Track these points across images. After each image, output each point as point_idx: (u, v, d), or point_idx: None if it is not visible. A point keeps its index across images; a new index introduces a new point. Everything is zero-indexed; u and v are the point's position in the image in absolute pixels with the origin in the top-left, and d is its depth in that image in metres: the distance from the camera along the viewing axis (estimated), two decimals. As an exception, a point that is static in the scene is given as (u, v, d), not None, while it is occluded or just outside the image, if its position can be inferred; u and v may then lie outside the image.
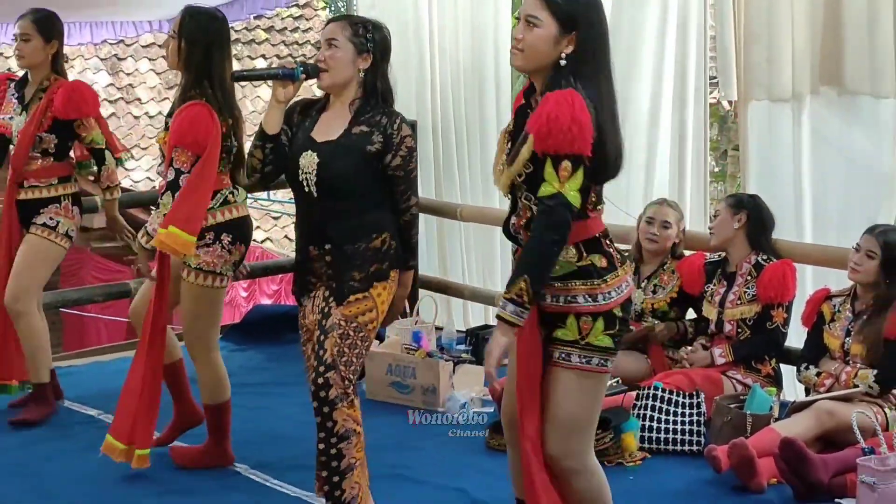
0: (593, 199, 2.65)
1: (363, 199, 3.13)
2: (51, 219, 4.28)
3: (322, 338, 3.07)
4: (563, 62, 2.59)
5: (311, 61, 3.21)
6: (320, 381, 3.03)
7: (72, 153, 4.44)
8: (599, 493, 2.73)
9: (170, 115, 3.74)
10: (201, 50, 3.66)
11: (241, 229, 3.74)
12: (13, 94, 4.36)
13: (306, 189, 3.13)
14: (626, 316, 2.70)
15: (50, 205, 4.29)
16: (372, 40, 3.16)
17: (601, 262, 2.65)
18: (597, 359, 2.65)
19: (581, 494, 2.70)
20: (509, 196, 2.73)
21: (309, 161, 3.11)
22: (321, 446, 3.07)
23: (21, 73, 4.43)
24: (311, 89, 8.61)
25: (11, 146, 4.33)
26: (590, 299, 2.62)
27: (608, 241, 2.69)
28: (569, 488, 2.68)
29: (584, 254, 2.64)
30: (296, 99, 3.23)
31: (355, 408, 3.10)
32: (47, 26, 4.27)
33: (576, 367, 2.64)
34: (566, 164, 2.51)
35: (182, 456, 3.88)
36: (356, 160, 3.10)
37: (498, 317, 2.56)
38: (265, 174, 3.21)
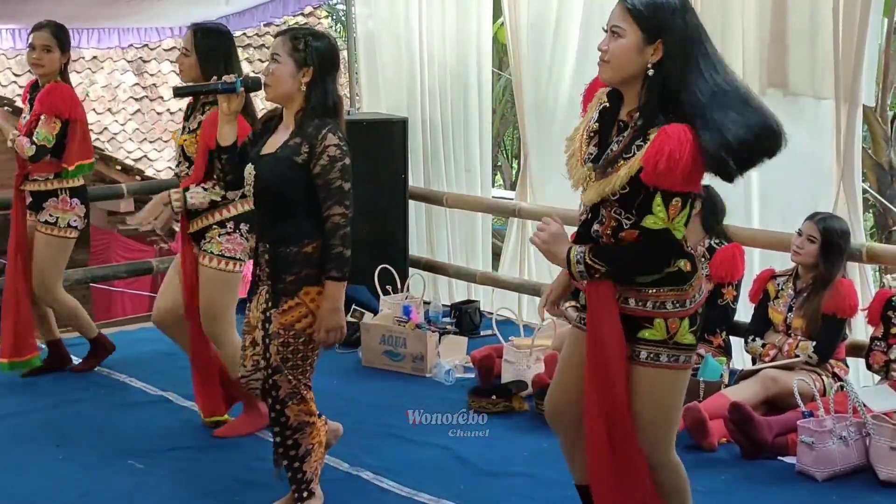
0: None
1: (296, 208, 2.92)
2: (50, 215, 4.23)
3: (267, 341, 2.98)
4: (650, 72, 2.29)
5: (253, 76, 3.05)
6: (269, 382, 2.96)
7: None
8: (683, 486, 2.53)
9: (187, 119, 3.70)
10: (220, 63, 3.51)
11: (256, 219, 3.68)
12: (29, 98, 4.31)
13: (249, 196, 3.04)
14: (704, 311, 2.48)
15: (49, 199, 4.23)
16: (313, 54, 2.89)
17: (686, 266, 2.40)
18: (683, 356, 2.41)
19: (665, 488, 2.48)
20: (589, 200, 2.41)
21: (248, 173, 2.96)
22: (277, 439, 3.02)
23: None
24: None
25: None
26: (678, 305, 2.38)
27: (684, 241, 2.42)
28: (659, 482, 2.47)
29: (672, 260, 2.38)
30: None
31: (306, 401, 3.00)
32: (64, 38, 4.20)
33: (664, 365, 2.39)
34: (677, 200, 2.28)
35: (227, 430, 3.77)
36: (285, 171, 2.88)
37: (567, 259, 2.35)
38: (227, 182, 3.14)
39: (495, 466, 3.49)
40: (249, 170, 2.97)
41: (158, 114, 11.99)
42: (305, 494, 3.07)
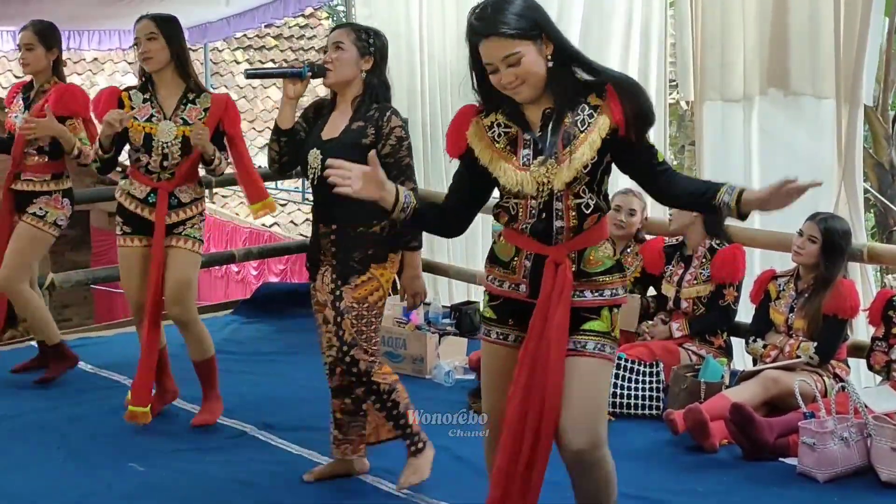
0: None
1: None
2: (40, 209, 4.21)
3: (339, 319, 3.11)
4: (551, 63, 2.35)
5: (318, 63, 3.20)
6: (347, 359, 3.10)
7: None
8: (614, 477, 2.49)
9: (190, 115, 3.71)
10: (184, 47, 3.73)
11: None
12: (21, 96, 4.30)
13: (312, 181, 3.15)
14: None
15: (41, 196, 4.22)
16: (373, 45, 3.15)
17: (618, 255, 2.53)
18: (616, 348, 2.48)
19: (601, 482, 2.43)
20: (528, 201, 2.40)
21: (314, 157, 3.11)
22: (377, 406, 3.18)
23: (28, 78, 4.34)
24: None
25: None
26: (622, 290, 2.47)
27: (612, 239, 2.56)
28: (590, 478, 2.41)
29: (616, 250, 2.51)
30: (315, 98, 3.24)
31: (385, 365, 3.21)
32: (48, 36, 4.19)
33: (607, 356, 2.43)
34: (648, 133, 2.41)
35: (204, 419, 3.82)
36: (353, 153, 3.01)
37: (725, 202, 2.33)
38: (282, 164, 3.24)
39: (496, 468, 3.48)
40: (315, 154, 3.11)
41: (159, 115, 11.98)
42: (421, 445, 3.24)
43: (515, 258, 2.46)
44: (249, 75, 3.30)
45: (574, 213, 2.40)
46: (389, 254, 3.14)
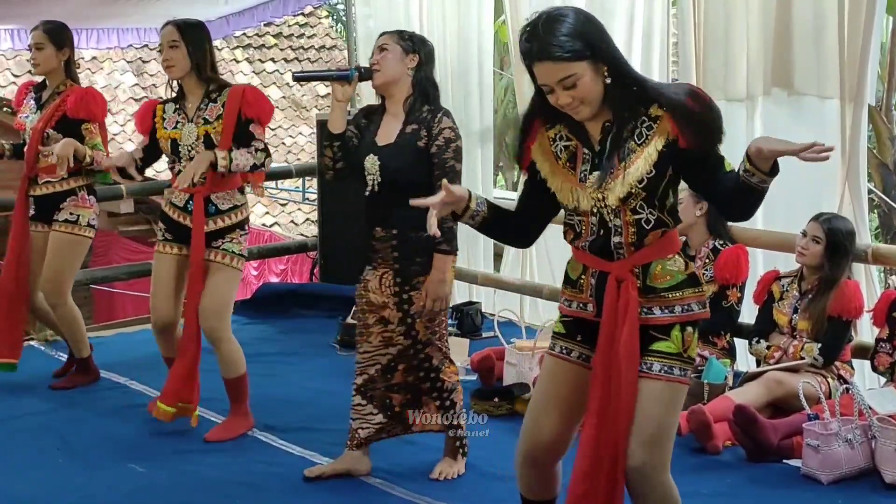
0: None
1: (422, 192, 2.97)
2: (71, 214, 4.18)
3: (410, 321, 3.21)
4: (608, 80, 2.25)
5: (365, 66, 3.23)
6: (422, 355, 3.25)
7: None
8: (677, 501, 2.39)
9: (211, 114, 3.68)
10: (207, 54, 3.69)
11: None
12: (31, 97, 4.27)
13: (372, 187, 3.19)
14: None
15: (67, 198, 4.19)
16: (417, 44, 3.21)
17: (693, 268, 2.39)
18: (690, 371, 2.35)
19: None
20: (588, 217, 2.32)
21: (372, 163, 3.17)
22: (437, 403, 3.31)
23: (38, 79, 4.32)
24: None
25: (25, 144, 4.25)
26: (701, 306, 2.34)
27: (687, 247, 2.49)
28: (648, 500, 2.33)
29: (687, 263, 2.36)
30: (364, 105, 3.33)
31: (453, 363, 3.32)
32: (58, 35, 4.17)
33: (676, 379, 2.30)
34: (718, 149, 2.26)
35: (219, 434, 3.76)
36: (410, 157, 3.14)
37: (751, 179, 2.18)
38: (337, 170, 3.26)
39: (498, 469, 3.47)
40: (373, 160, 3.17)
41: (158, 114, 11.99)
42: (465, 450, 3.40)
43: (583, 276, 2.39)
44: (297, 78, 3.32)
45: (633, 230, 2.30)
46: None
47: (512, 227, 2.52)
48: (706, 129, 2.24)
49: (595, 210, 2.32)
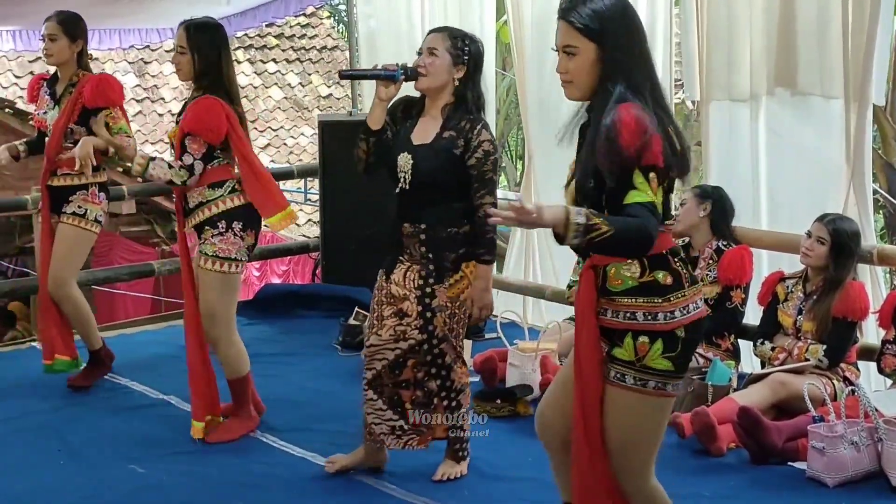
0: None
1: (452, 193, 3.17)
2: (79, 207, 4.17)
3: (429, 315, 3.21)
4: (601, 76, 2.28)
5: (412, 67, 3.18)
6: (436, 351, 3.23)
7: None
8: None
9: (180, 114, 3.70)
10: (214, 59, 3.64)
11: (249, 214, 3.67)
12: (45, 91, 4.24)
13: (403, 184, 3.19)
14: (694, 338, 2.31)
15: (78, 192, 4.17)
16: (468, 53, 3.17)
17: (665, 279, 2.27)
18: (653, 382, 2.28)
19: None
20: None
21: (405, 161, 3.18)
22: (445, 402, 3.29)
23: (51, 70, 4.30)
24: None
25: (46, 138, 4.22)
26: (649, 317, 2.26)
27: (677, 260, 2.32)
28: None
29: (648, 270, 2.28)
30: (399, 96, 3.27)
31: (463, 365, 3.31)
32: (72, 26, 4.14)
33: (629, 388, 2.28)
34: (653, 175, 2.19)
35: (220, 436, 3.74)
36: (444, 162, 3.15)
37: (567, 218, 2.10)
38: (369, 164, 3.27)
39: (500, 471, 3.47)
40: (406, 158, 3.18)
41: (160, 115, 11.99)
42: (464, 454, 3.38)
43: (579, 262, 2.49)
44: (344, 76, 3.33)
45: None
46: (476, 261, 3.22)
47: None
48: (594, 153, 2.21)
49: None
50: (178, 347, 3.96)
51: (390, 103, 3.24)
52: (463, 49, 3.16)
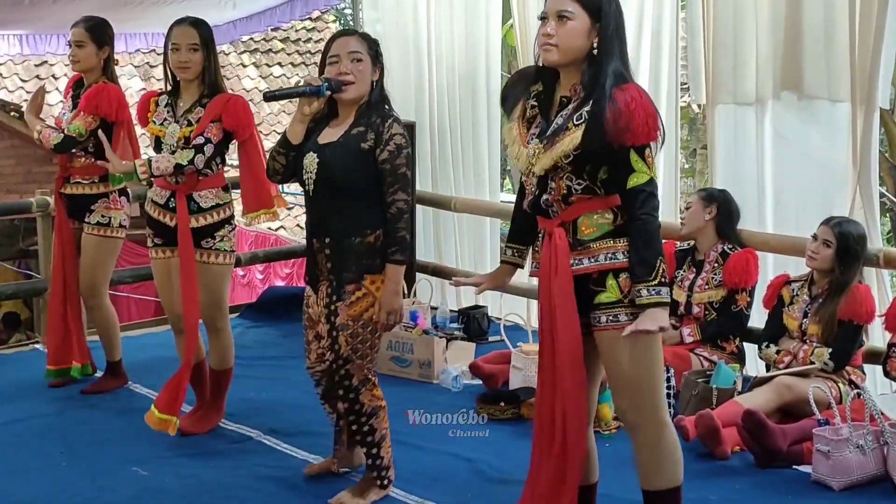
0: None
1: (359, 197, 3.02)
2: (103, 216, 4.19)
3: (335, 334, 3.06)
4: (595, 51, 2.46)
5: (334, 78, 3.06)
6: (342, 372, 3.08)
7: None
8: (675, 447, 2.57)
9: (187, 112, 3.70)
10: (214, 55, 3.70)
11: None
12: (71, 94, 4.26)
13: (307, 187, 3.08)
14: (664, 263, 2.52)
15: (99, 200, 4.19)
16: (380, 53, 3.14)
17: (623, 222, 2.52)
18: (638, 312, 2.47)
19: (655, 448, 2.54)
20: (530, 176, 2.56)
21: (310, 161, 3.04)
22: (354, 427, 3.15)
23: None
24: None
25: None
26: (625, 256, 2.48)
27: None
28: (642, 446, 2.55)
29: (619, 215, 2.50)
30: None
31: (376, 386, 3.16)
32: (100, 33, 4.14)
33: (624, 325, 2.45)
34: (647, 150, 2.44)
35: (192, 426, 3.80)
36: (352, 158, 3.01)
37: (658, 303, 2.41)
38: (284, 176, 3.18)
39: (504, 474, 3.46)
40: (311, 158, 3.04)
41: (165, 118, 12.02)
42: (385, 482, 3.21)
43: (539, 239, 2.63)
44: (268, 98, 3.22)
45: (564, 192, 2.50)
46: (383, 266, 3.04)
47: (530, 232, 2.73)
48: (600, 130, 2.39)
49: (526, 172, 2.54)
50: (171, 349, 3.97)
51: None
52: (377, 50, 3.11)
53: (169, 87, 3.75)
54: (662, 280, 2.43)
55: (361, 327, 3.05)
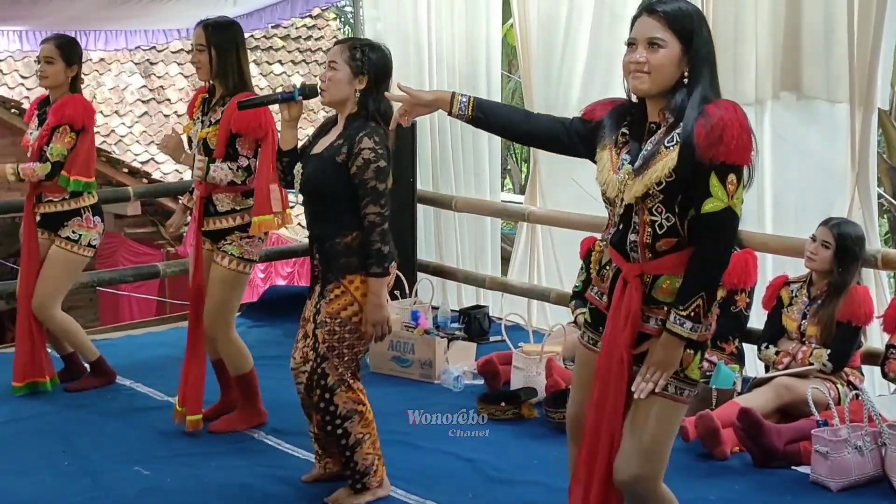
0: None
1: (338, 204, 3.07)
2: (73, 232, 4.19)
3: (315, 331, 3.10)
4: (686, 80, 2.31)
5: (309, 84, 3.19)
6: (318, 371, 3.08)
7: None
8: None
9: (215, 117, 3.70)
10: (233, 56, 3.69)
11: None
12: (37, 113, 4.26)
13: (298, 196, 3.18)
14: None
15: (73, 217, 4.19)
16: (367, 63, 3.09)
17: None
18: (687, 390, 2.38)
19: None
20: (617, 206, 2.39)
21: (297, 171, 3.16)
22: (328, 428, 3.12)
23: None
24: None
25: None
26: (698, 328, 2.31)
27: None
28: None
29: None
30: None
31: (353, 390, 3.12)
32: (69, 51, 4.16)
33: (670, 397, 2.35)
34: (732, 177, 2.24)
35: (223, 426, 3.84)
36: (327, 170, 3.06)
37: (669, 331, 2.29)
38: (287, 182, 3.26)
39: (505, 474, 3.48)
40: (298, 168, 3.16)
41: (166, 116, 12.01)
42: (359, 486, 3.17)
43: (607, 266, 2.46)
44: (242, 107, 3.32)
45: (649, 230, 2.33)
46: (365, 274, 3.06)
47: (522, 119, 2.55)
48: (691, 148, 2.24)
49: (618, 200, 2.37)
50: (182, 349, 3.97)
51: (320, 125, 3.24)
52: (363, 60, 3.08)
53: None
54: (694, 315, 2.27)
55: (339, 325, 3.06)
